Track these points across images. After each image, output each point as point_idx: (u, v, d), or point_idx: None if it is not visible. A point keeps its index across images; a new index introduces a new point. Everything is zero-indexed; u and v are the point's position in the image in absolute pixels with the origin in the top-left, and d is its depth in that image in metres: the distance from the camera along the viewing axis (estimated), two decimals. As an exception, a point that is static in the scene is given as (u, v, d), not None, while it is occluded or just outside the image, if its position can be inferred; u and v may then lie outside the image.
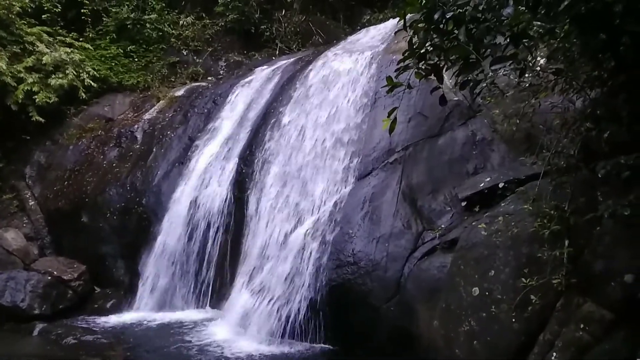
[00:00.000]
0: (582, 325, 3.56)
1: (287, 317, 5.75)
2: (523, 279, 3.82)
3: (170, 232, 7.48)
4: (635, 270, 3.40)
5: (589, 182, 3.78)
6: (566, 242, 3.69)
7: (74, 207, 8.47)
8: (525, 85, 4.51)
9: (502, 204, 4.67)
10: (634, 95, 3.30)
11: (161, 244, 7.47)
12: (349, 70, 7.65)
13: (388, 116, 2.65)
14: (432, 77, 2.86)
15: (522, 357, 3.88)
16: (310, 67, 8.18)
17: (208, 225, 7.29)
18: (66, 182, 8.84)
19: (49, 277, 7.36)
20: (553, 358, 3.65)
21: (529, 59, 3.74)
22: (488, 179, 5.17)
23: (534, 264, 3.91)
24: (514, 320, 3.93)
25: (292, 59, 9.39)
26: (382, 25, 9.55)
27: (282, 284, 5.96)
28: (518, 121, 4.69)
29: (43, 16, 9.75)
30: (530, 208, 4.06)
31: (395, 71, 2.65)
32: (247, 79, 9.12)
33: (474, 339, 4.16)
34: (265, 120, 7.84)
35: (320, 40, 11.22)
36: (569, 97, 3.88)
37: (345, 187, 6.46)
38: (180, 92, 9.70)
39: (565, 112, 4.01)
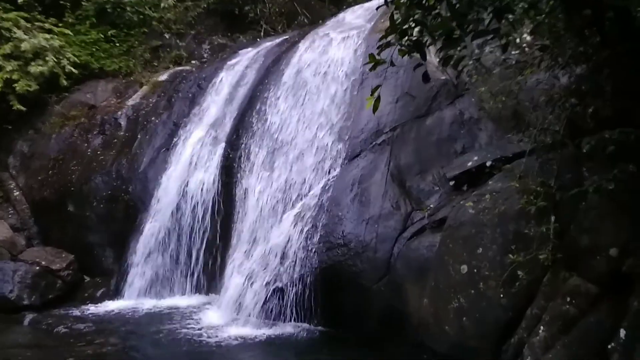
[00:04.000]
0: (568, 299, 3.62)
1: (279, 300, 5.77)
2: (510, 255, 3.87)
3: (159, 218, 7.41)
4: (619, 244, 3.45)
5: (574, 158, 3.80)
6: (552, 218, 3.73)
7: (60, 197, 8.35)
8: (511, 63, 4.49)
9: (490, 182, 4.69)
10: (617, 71, 3.31)
11: (149, 231, 7.40)
12: (335, 50, 7.54)
13: (371, 95, 2.61)
14: (417, 54, 2.81)
15: (510, 331, 3.95)
16: (295, 49, 8.06)
17: (197, 211, 7.23)
18: (50, 172, 8.69)
19: (37, 268, 7.28)
20: (540, 332, 3.71)
21: (515, 35, 3.72)
22: (476, 158, 5.19)
23: (521, 241, 3.95)
24: (501, 296, 3.99)
25: (277, 41, 9.23)
26: (367, 4, 9.40)
27: (273, 267, 5.97)
28: (504, 99, 4.68)
29: (19, 1, 9.41)
30: (517, 185, 4.09)
31: (377, 48, 2.60)
32: (231, 62, 8.95)
33: (463, 315, 4.22)
34: (252, 104, 7.73)
35: (305, 20, 11.03)
36: (554, 73, 3.88)
37: (334, 170, 6.44)
38: (163, 77, 9.51)
39: (550, 89, 4.02)
